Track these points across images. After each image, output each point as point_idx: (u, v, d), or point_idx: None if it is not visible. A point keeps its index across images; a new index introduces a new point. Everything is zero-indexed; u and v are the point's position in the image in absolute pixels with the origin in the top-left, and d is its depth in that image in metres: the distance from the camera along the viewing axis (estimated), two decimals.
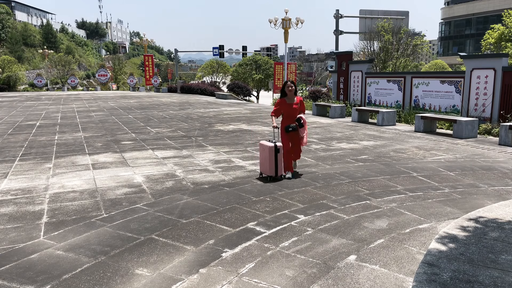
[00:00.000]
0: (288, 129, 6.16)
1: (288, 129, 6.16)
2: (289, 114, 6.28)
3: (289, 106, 6.26)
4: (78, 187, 5.90)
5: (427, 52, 67.47)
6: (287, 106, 6.28)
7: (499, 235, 3.84)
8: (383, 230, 4.17)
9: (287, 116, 6.30)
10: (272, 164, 5.94)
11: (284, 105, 6.30)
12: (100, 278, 3.25)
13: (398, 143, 9.59)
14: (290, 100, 6.30)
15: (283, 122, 6.34)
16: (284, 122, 6.32)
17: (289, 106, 6.27)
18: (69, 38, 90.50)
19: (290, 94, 6.26)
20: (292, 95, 6.28)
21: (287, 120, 6.28)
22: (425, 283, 2.97)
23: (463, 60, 13.21)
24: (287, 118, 6.29)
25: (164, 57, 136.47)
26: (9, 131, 12.08)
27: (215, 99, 26.18)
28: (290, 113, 6.27)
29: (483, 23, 56.37)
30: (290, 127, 6.15)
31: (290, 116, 6.27)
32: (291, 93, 6.25)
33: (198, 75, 55.95)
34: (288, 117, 6.29)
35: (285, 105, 6.30)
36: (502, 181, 6.16)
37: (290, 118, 6.26)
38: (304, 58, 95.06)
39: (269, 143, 6.00)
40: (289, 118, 6.27)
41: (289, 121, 6.25)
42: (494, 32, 22.73)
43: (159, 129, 12.21)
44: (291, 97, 6.30)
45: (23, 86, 42.65)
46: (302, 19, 26.91)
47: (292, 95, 6.28)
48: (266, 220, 4.47)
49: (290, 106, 6.26)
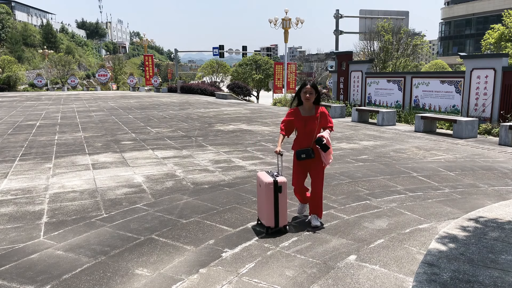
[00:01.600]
0: (300, 156, 4.19)
1: (300, 155, 4.19)
2: (305, 132, 4.25)
3: (306, 120, 4.23)
4: (78, 187, 5.90)
5: (427, 52, 67.49)
6: (302, 120, 4.25)
7: (499, 235, 3.84)
8: (383, 230, 4.17)
9: (302, 134, 4.28)
10: (270, 209, 4.01)
11: (298, 118, 4.27)
12: (100, 278, 3.25)
13: (398, 143, 9.58)
14: (307, 111, 4.26)
15: (296, 143, 4.35)
16: (297, 144, 4.33)
17: (305, 120, 4.24)
18: (69, 38, 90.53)
19: (307, 103, 4.22)
20: (311, 105, 4.25)
21: (302, 140, 4.28)
22: (425, 283, 2.97)
23: (463, 60, 13.21)
24: (302, 138, 4.28)
25: (164, 57, 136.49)
26: (9, 131, 12.08)
27: (215, 99, 26.18)
28: (307, 131, 4.23)
29: (483, 23, 56.37)
30: (304, 153, 4.18)
31: (307, 135, 4.24)
32: (309, 102, 4.21)
33: (198, 75, 55.94)
34: (303, 136, 4.27)
35: (299, 118, 4.27)
36: (502, 181, 6.16)
37: (306, 138, 4.25)
38: (304, 58, 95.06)
39: (266, 177, 4.08)
40: (305, 138, 4.26)
41: (305, 142, 4.26)
42: (494, 32, 22.73)
43: (159, 129, 12.21)
44: (309, 108, 4.26)
45: (23, 86, 42.66)
46: (302, 19, 26.94)
47: (310, 105, 4.25)
48: None
49: (306, 121, 4.23)
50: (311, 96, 4.19)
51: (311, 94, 4.19)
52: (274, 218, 4.04)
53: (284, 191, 4.04)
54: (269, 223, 4.06)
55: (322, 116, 4.27)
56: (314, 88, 4.21)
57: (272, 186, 3.99)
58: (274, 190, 3.99)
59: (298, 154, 4.19)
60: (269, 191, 3.99)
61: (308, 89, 4.19)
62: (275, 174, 4.12)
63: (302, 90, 4.21)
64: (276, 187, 3.99)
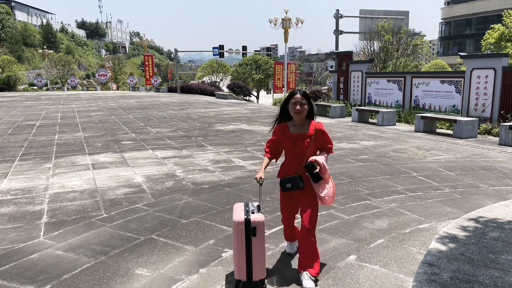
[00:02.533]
0: (285, 186, 3.19)
1: (285, 185, 3.19)
2: (293, 154, 3.23)
3: (295, 139, 3.21)
4: (78, 187, 5.90)
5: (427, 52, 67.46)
6: (290, 139, 3.22)
7: (499, 235, 3.84)
8: (383, 230, 4.17)
9: (290, 157, 3.27)
10: (240, 256, 2.96)
11: (286, 136, 3.25)
12: (100, 278, 3.25)
13: (398, 143, 9.58)
14: (298, 128, 3.24)
15: (283, 168, 3.33)
16: (283, 170, 3.32)
17: (294, 139, 3.21)
18: (69, 38, 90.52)
19: (298, 117, 3.20)
20: (303, 120, 3.24)
21: (290, 165, 3.26)
22: (425, 283, 2.97)
23: (463, 60, 13.21)
24: (290, 162, 3.26)
25: (164, 57, 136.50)
26: (9, 131, 12.08)
27: (215, 99, 26.18)
28: (296, 152, 3.22)
29: (483, 23, 56.39)
30: (289, 182, 3.17)
31: (296, 158, 3.22)
32: (301, 116, 3.19)
33: (198, 75, 55.94)
34: (291, 159, 3.25)
35: (287, 136, 3.24)
36: (502, 181, 6.16)
37: (294, 162, 3.23)
38: (304, 58, 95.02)
39: (239, 211, 3.05)
40: (293, 162, 3.24)
41: (293, 167, 3.23)
42: (494, 32, 22.74)
43: (159, 129, 12.21)
44: (301, 123, 3.25)
45: (23, 86, 42.67)
46: (302, 19, 26.94)
47: (302, 120, 3.24)
48: (266, 220, 4.46)
49: (296, 140, 3.21)
50: (302, 108, 3.15)
51: (302, 105, 3.15)
52: (246, 269, 2.95)
53: (260, 234, 2.93)
54: (239, 275, 2.96)
55: (318, 134, 3.22)
56: (306, 97, 3.17)
57: (243, 227, 2.90)
58: (246, 232, 2.91)
59: (283, 184, 3.19)
60: (239, 234, 2.91)
61: (298, 99, 3.15)
62: (252, 209, 3.06)
63: (291, 101, 3.18)
64: (249, 228, 2.91)
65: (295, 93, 3.22)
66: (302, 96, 3.18)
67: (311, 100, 3.26)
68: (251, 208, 3.10)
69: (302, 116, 3.20)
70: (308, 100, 3.21)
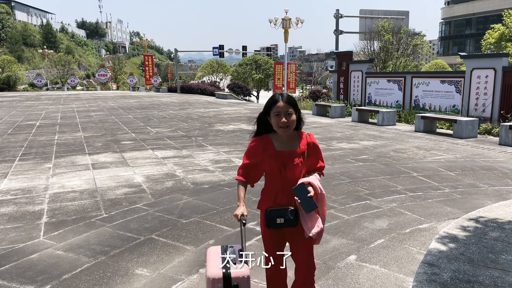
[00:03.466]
0: (274, 222, 2.33)
1: (274, 220, 2.32)
2: (282, 180, 2.37)
3: (283, 159, 2.37)
4: (78, 187, 5.90)
5: (427, 52, 67.49)
6: (276, 159, 2.37)
7: (499, 235, 3.84)
8: (383, 230, 4.17)
9: (277, 182, 2.39)
10: None
11: (270, 154, 2.38)
12: (100, 278, 3.24)
13: (398, 143, 9.58)
14: (286, 143, 2.40)
15: (266, 196, 2.45)
16: (267, 198, 2.43)
17: (282, 159, 2.37)
18: (69, 38, 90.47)
19: (285, 132, 2.34)
20: (292, 134, 2.40)
21: (278, 192, 2.39)
22: (425, 283, 2.97)
23: (463, 60, 13.21)
24: (278, 188, 2.39)
25: (164, 57, 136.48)
26: (9, 131, 12.07)
27: (215, 99, 26.18)
28: (287, 178, 2.36)
29: (483, 23, 56.36)
30: (280, 217, 2.32)
31: (285, 184, 2.35)
32: (288, 130, 2.34)
33: (198, 75, 55.94)
34: (280, 185, 2.38)
35: (271, 154, 2.38)
36: (502, 181, 6.16)
37: (284, 189, 2.36)
38: (304, 58, 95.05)
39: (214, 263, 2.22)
40: (282, 189, 2.37)
41: (283, 195, 2.37)
42: (494, 32, 22.73)
43: (159, 129, 12.21)
44: (288, 138, 2.40)
45: (23, 86, 42.64)
46: (302, 19, 26.92)
47: (290, 134, 2.39)
48: None
49: (285, 160, 2.37)
50: (289, 120, 2.29)
51: (288, 115, 2.29)
52: None
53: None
54: None
55: (312, 150, 2.40)
56: (291, 104, 2.32)
57: (221, 285, 2.10)
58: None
59: (270, 218, 2.30)
60: None
61: (281, 108, 2.28)
62: (232, 258, 2.20)
63: (272, 111, 2.31)
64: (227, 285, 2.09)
65: (277, 100, 2.32)
66: (287, 103, 2.30)
67: (298, 106, 2.39)
68: (230, 255, 2.21)
69: (290, 130, 2.32)
70: (295, 107, 2.34)
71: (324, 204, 2.40)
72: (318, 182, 2.36)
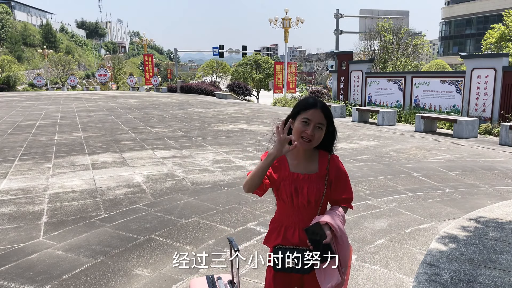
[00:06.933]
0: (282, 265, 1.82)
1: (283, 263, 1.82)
2: (294, 210, 1.89)
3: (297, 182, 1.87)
4: (77, 187, 5.89)
5: (428, 52, 67.48)
6: (289, 181, 1.87)
7: (500, 235, 3.83)
8: (384, 230, 4.17)
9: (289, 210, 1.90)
10: None
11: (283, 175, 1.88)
12: (100, 278, 3.24)
13: (398, 143, 9.58)
14: (302, 163, 1.90)
15: (275, 228, 1.95)
16: (276, 231, 1.94)
17: (295, 181, 1.87)
18: (68, 38, 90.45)
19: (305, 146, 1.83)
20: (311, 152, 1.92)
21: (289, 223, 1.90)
22: (426, 283, 2.97)
23: (464, 60, 13.21)
24: (290, 219, 1.90)
25: (164, 57, 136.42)
26: (8, 131, 12.07)
27: (215, 99, 26.17)
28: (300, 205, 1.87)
29: (483, 23, 56.36)
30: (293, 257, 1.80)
31: (299, 214, 1.88)
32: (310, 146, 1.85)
33: (198, 75, 55.91)
34: (292, 214, 1.89)
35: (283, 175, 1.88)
36: (503, 181, 6.16)
37: (297, 220, 1.89)
38: (304, 58, 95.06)
39: None
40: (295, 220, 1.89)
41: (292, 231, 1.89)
42: (495, 32, 22.71)
43: (159, 129, 12.20)
44: (306, 156, 1.90)
45: (22, 86, 42.64)
46: (302, 18, 26.93)
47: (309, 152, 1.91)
48: (266, 220, 4.45)
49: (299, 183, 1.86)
50: (316, 134, 1.85)
51: (318, 129, 1.85)
52: None
53: None
54: None
55: (335, 175, 1.96)
56: (327, 116, 1.88)
57: None
58: None
59: (279, 259, 1.84)
60: None
61: (314, 115, 1.84)
62: None
63: (301, 116, 1.85)
64: None
65: (313, 105, 1.85)
66: (322, 113, 1.85)
67: (333, 121, 1.93)
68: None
69: (311, 146, 1.86)
70: (330, 120, 1.89)
71: (346, 249, 1.85)
72: (339, 221, 1.86)
